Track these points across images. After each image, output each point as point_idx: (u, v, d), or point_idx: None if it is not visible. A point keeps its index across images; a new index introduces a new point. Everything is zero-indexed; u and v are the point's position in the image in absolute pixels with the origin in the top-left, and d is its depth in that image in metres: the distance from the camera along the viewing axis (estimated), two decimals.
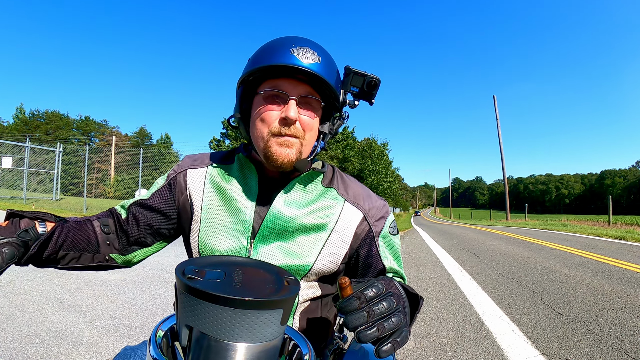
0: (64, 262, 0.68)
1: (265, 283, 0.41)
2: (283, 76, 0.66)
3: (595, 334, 2.59)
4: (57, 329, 2.47)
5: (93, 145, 39.59)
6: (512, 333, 2.67)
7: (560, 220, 19.92)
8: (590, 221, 20.39)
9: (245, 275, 0.42)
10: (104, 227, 0.74)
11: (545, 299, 3.58)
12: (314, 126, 0.69)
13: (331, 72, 0.69)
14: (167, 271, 4.28)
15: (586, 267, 5.17)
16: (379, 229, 0.77)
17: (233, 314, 0.35)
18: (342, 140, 29.22)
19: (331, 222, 0.73)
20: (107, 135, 43.98)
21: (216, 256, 0.48)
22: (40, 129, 39.85)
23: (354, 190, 0.79)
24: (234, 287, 0.37)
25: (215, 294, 0.35)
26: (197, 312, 0.37)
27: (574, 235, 10.39)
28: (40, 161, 16.29)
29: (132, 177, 26.75)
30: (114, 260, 0.75)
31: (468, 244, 8.76)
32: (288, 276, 0.44)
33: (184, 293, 0.38)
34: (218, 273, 0.40)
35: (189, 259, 0.44)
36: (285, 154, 0.66)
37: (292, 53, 0.65)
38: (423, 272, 5.14)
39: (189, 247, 0.76)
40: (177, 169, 0.79)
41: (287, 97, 0.66)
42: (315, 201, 0.74)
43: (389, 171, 28.18)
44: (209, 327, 0.36)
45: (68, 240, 0.68)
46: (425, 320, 3.02)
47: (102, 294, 3.30)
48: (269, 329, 0.38)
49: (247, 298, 0.35)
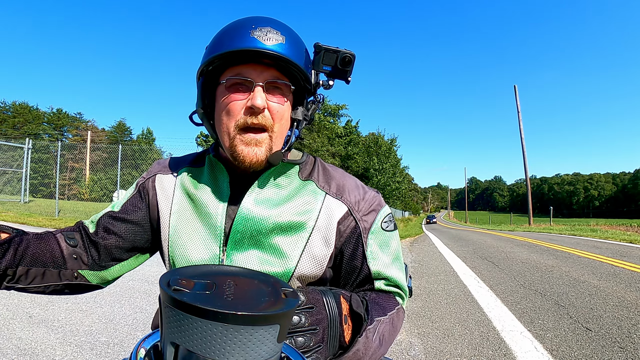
0: (25, 280, 0.67)
1: (260, 295, 0.41)
2: (246, 62, 0.66)
3: (628, 352, 2.59)
4: (26, 347, 2.47)
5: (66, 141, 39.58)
6: (534, 351, 2.67)
7: (589, 224, 19.95)
8: (622, 226, 20.43)
9: (237, 287, 0.42)
10: (69, 240, 0.73)
11: (572, 313, 3.58)
12: (284, 114, 0.69)
13: (299, 52, 0.69)
14: (150, 282, 4.28)
15: (618, 278, 5.17)
16: (368, 225, 0.74)
17: (224, 330, 0.35)
18: (344, 136, 29.22)
19: (310, 219, 0.71)
20: (81, 130, 44.07)
21: (205, 265, 0.48)
22: (6, 123, 39.91)
23: (338, 182, 0.76)
24: (225, 300, 0.37)
25: (204, 308, 0.35)
26: (184, 328, 0.37)
27: (605, 242, 10.40)
28: (7, 159, 16.29)
29: (109, 176, 26.74)
30: (84, 278, 0.74)
31: (486, 251, 8.77)
32: (286, 287, 0.44)
33: (169, 306, 0.38)
34: (207, 284, 0.40)
35: (175, 268, 0.44)
36: (253, 153, 0.67)
37: (253, 35, 0.64)
38: (435, 282, 5.14)
39: (163, 258, 0.77)
40: (146, 176, 0.81)
41: (253, 84, 0.65)
42: (291, 197, 0.73)
43: (398, 170, 28.22)
44: (197, 344, 0.36)
45: (28, 254, 0.66)
46: (438, 336, 3.02)
47: (76, 308, 3.30)
48: (265, 347, 0.38)
49: (240, 312, 0.35)
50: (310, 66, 0.74)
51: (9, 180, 18.20)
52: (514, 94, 32.02)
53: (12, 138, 29.41)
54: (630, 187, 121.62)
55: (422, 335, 3.06)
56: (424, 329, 3.24)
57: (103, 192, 27.84)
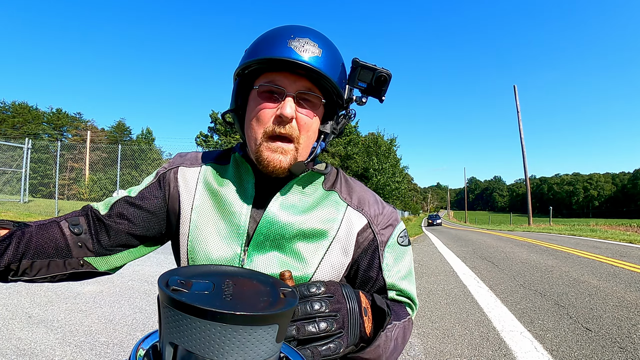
0: (31, 272, 0.67)
1: (259, 295, 0.41)
2: (281, 70, 0.67)
3: (629, 353, 2.60)
4: (26, 347, 2.47)
5: (65, 141, 39.53)
6: (535, 351, 2.67)
7: (588, 224, 19.97)
8: (622, 226, 20.45)
9: (236, 287, 0.42)
10: (72, 227, 0.72)
11: (572, 313, 3.58)
12: (312, 126, 0.70)
13: (334, 66, 0.70)
14: (149, 282, 4.28)
15: (618, 278, 5.18)
16: (385, 238, 0.76)
17: (223, 330, 0.35)
18: (344, 136, 29.22)
19: (332, 229, 0.73)
20: (81, 130, 44.02)
21: (204, 265, 0.48)
22: (6, 123, 39.88)
23: (359, 195, 0.79)
24: (224, 300, 0.37)
25: (203, 308, 0.35)
26: (183, 328, 0.37)
27: (604, 242, 10.41)
28: (6, 159, 16.29)
29: (109, 176, 26.71)
30: (91, 265, 0.73)
31: (485, 251, 8.78)
32: (284, 288, 0.44)
33: (168, 307, 0.38)
34: (206, 284, 0.40)
35: (173, 268, 0.44)
36: (277, 160, 0.68)
37: (290, 45, 0.65)
38: (435, 283, 5.14)
39: (178, 253, 0.77)
40: (168, 166, 0.80)
41: (284, 93, 0.67)
42: (315, 206, 0.75)
43: (397, 170, 28.19)
44: (195, 344, 0.36)
45: (31, 247, 0.66)
46: (438, 337, 3.03)
47: (76, 308, 3.30)
48: (263, 347, 0.38)
49: (239, 312, 0.35)
50: (345, 81, 0.74)
51: (9, 180, 18.19)
52: (514, 94, 32.04)
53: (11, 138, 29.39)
54: (630, 187, 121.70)
55: (422, 336, 3.06)
56: (424, 329, 3.24)
57: (103, 192, 27.80)
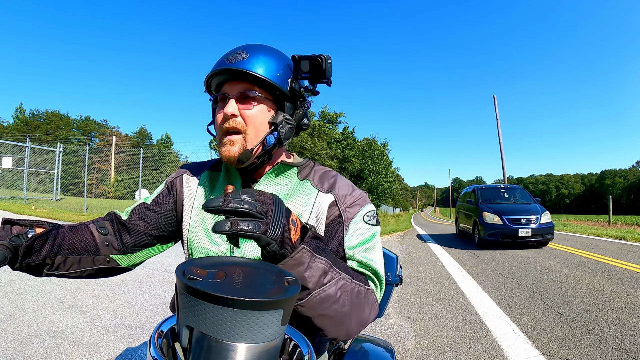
0: (64, 267, 0.69)
1: (266, 283, 0.41)
2: (225, 81, 0.74)
3: (596, 334, 2.59)
4: (58, 329, 2.47)
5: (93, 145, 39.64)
6: (512, 333, 2.67)
7: (560, 220, 19.88)
8: (590, 221, 20.40)
9: (245, 276, 0.42)
10: (100, 229, 0.76)
11: (546, 299, 3.58)
12: (257, 118, 0.72)
13: (265, 65, 0.71)
14: (168, 271, 4.28)
15: (586, 267, 5.17)
16: (350, 215, 0.73)
17: (234, 315, 0.36)
18: (342, 140, 29.21)
19: (305, 213, 0.73)
20: (107, 136, 43.99)
21: (217, 256, 0.49)
22: (40, 129, 39.87)
23: (330, 181, 0.78)
24: (234, 288, 0.38)
25: (216, 295, 0.35)
26: (198, 313, 0.37)
27: (574, 235, 10.38)
28: (41, 161, 16.30)
29: (132, 177, 26.76)
30: (116, 262, 0.77)
31: (468, 243, 8.75)
32: (288, 276, 0.44)
33: (185, 293, 0.38)
34: (219, 273, 0.41)
35: (190, 259, 0.44)
36: (227, 150, 0.72)
37: (224, 59, 0.72)
38: (423, 272, 5.14)
39: (183, 246, 0.82)
40: (175, 176, 0.87)
41: (227, 96, 0.72)
42: (290, 195, 0.76)
43: (389, 171, 28.13)
44: (209, 327, 0.36)
45: (65, 245, 0.69)
46: (426, 320, 3.02)
47: (103, 294, 3.30)
48: (270, 329, 0.38)
49: (248, 298, 0.35)
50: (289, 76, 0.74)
51: (43, 180, 18.21)
52: (494, 103, 31.97)
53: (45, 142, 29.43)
54: (597, 187, 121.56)
55: (412, 319, 3.06)
56: (413, 313, 3.23)
57: (126, 191, 27.83)
